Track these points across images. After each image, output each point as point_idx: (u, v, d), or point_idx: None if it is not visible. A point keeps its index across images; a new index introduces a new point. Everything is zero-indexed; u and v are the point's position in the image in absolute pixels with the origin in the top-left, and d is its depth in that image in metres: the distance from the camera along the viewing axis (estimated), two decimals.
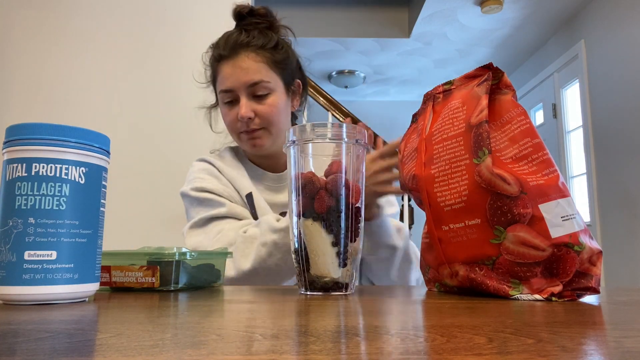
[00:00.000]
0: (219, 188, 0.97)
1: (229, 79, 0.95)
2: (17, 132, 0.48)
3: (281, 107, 0.98)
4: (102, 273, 0.62)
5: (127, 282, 0.61)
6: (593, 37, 3.43)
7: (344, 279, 0.57)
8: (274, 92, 0.97)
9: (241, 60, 0.95)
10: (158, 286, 0.61)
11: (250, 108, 0.95)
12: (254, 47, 0.95)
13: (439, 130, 0.58)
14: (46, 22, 1.77)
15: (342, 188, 0.57)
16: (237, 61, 0.95)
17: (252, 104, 0.95)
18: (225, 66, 0.96)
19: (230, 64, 0.95)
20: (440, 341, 0.27)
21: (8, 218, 0.46)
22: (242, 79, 0.94)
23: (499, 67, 0.65)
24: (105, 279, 0.62)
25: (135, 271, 0.61)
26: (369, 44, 4.14)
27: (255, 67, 0.95)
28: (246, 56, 0.95)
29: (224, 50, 0.96)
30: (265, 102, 0.96)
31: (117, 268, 0.62)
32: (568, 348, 0.25)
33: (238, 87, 0.95)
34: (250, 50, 0.95)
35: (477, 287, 0.53)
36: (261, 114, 0.96)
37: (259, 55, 0.95)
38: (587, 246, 0.50)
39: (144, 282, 0.61)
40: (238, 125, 0.97)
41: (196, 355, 0.23)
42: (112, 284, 0.62)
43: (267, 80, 0.95)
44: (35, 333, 0.30)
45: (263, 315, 0.38)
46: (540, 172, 0.51)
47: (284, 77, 0.99)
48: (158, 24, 1.80)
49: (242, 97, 0.95)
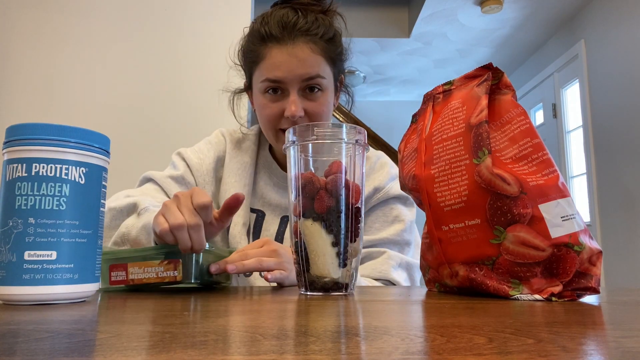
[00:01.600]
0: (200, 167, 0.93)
1: (281, 68, 0.83)
2: (17, 132, 0.48)
3: (331, 107, 0.89)
4: (117, 272, 0.61)
5: (145, 279, 0.60)
6: (593, 37, 3.43)
7: (343, 279, 0.57)
8: (326, 89, 0.87)
9: (299, 49, 0.83)
10: (180, 279, 0.60)
11: (301, 106, 0.84)
12: (314, 35, 0.84)
13: (438, 130, 0.58)
14: (46, 22, 1.77)
15: (342, 188, 0.57)
16: (295, 49, 0.82)
17: (302, 101, 0.85)
18: (277, 51, 0.83)
19: (285, 51, 0.83)
20: (440, 341, 0.27)
21: (8, 218, 0.46)
22: (298, 71, 0.83)
23: (499, 67, 0.65)
24: (121, 278, 0.61)
25: (156, 266, 0.60)
26: (369, 44, 4.14)
27: (313, 60, 0.83)
28: (305, 44, 0.83)
29: (277, 31, 0.83)
30: (317, 100, 0.86)
31: (135, 265, 0.60)
32: (568, 348, 0.25)
33: (290, 79, 0.83)
34: (310, 39, 0.83)
35: (477, 287, 0.53)
36: (312, 114, 0.86)
37: (317, 46, 0.84)
38: (587, 246, 0.50)
39: (165, 276, 0.60)
40: (280, 122, 0.86)
41: (196, 356, 0.23)
42: (129, 282, 0.61)
43: (323, 75, 0.85)
44: (35, 333, 0.30)
45: (263, 315, 0.38)
46: (540, 172, 0.51)
47: (336, 72, 0.90)
48: (159, 24, 1.80)
49: (292, 91, 0.84)
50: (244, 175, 0.94)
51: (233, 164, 0.96)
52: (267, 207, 0.95)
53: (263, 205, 0.96)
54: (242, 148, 0.98)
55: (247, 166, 0.95)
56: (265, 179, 0.97)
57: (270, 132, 0.90)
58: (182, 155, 0.96)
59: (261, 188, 0.96)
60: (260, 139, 1.01)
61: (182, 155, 0.96)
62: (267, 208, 0.95)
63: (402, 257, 0.89)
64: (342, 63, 0.93)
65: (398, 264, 0.88)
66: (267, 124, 0.88)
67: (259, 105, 0.88)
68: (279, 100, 0.85)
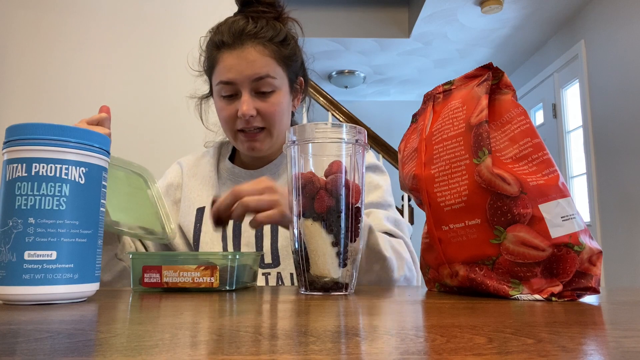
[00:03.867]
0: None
1: (232, 71, 0.87)
2: (17, 132, 0.48)
3: (284, 107, 0.91)
4: (150, 273, 0.61)
5: (181, 283, 0.60)
6: (593, 37, 3.43)
7: (343, 279, 0.57)
8: (278, 89, 0.89)
9: (247, 52, 0.86)
10: (217, 286, 0.60)
11: (252, 105, 0.87)
12: (262, 38, 0.87)
13: (439, 130, 0.58)
14: (46, 22, 1.77)
15: (342, 188, 0.57)
16: (243, 52, 0.86)
17: (254, 101, 0.88)
18: (228, 56, 0.87)
19: (235, 55, 0.87)
20: (440, 341, 0.27)
21: (8, 218, 0.46)
22: (247, 72, 0.86)
23: (499, 67, 0.65)
24: (154, 280, 0.61)
25: (192, 271, 0.60)
26: (369, 44, 4.14)
27: (262, 61, 0.87)
28: (253, 48, 0.86)
29: (228, 38, 0.87)
30: (268, 100, 0.88)
31: (170, 268, 0.61)
32: (568, 348, 0.25)
33: (241, 80, 0.87)
34: (258, 42, 0.87)
35: (477, 287, 0.53)
36: (264, 113, 0.88)
37: (266, 49, 0.87)
38: (587, 246, 0.50)
39: (202, 282, 0.60)
40: (236, 123, 0.89)
41: (196, 356, 0.23)
42: (163, 284, 0.61)
43: (273, 75, 0.88)
44: (35, 333, 0.30)
45: (263, 315, 0.38)
46: (540, 172, 0.51)
47: (289, 74, 0.92)
48: (157, 24, 1.80)
49: (244, 92, 0.87)
50: (206, 188, 0.96)
51: (193, 182, 0.98)
52: None
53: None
54: (201, 165, 1.01)
55: (208, 179, 0.98)
56: (230, 185, 0.98)
57: (229, 133, 0.93)
58: None
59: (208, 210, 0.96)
60: (220, 151, 1.04)
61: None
62: None
63: (388, 213, 0.91)
64: (297, 65, 0.95)
65: (386, 217, 0.89)
66: (225, 126, 0.93)
67: (217, 109, 0.93)
68: (233, 102, 0.89)
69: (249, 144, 0.91)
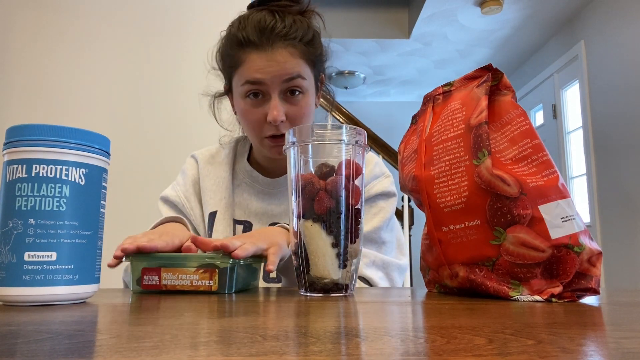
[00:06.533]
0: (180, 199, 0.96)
1: (261, 71, 0.82)
2: (17, 133, 0.48)
3: (312, 109, 0.88)
4: (149, 275, 0.60)
5: (179, 285, 0.59)
6: (593, 38, 3.43)
7: (343, 280, 0.57)
8: (307, 91, 0.86)
9: (278, 53, 0.82)
10: (216, 289, 0.59)
11: (282, 110, 0.83)
12: (293, 39, 0.83)
13: (438, 131, 0.58)
14: (46, 23, 1.77)
15: (342, 189, 0.57)
16: (274, 54, 0.82)
17: (284, 105, 0.84)
18: (257, 57, 0.82)
19: (265, 56, 0.82)
20: (440, 342, 0.27)
21: (8, 219, 0.46)
22: (278, 73, 0.82)
23: (499, 68, 0.65)
24: (153, 282, 0.60)
25: (191, 274, 0.59)
26: (369, 45, 4.14)
27: (293, 62, 0.83)
28: (284, 49, 0.82)
29: (255, 37, 0.82)
30: (298, 103, 0.84)
31: (169, 270, 0.59)
32: (568, 349, 0.25)
33: (271, 82, 0.82)
34: (288, 43, 0.82)
35: (477, 288, 0.53)
36: (292, 117, 0.84)
37: (296, 49, 0.83)
38: (587, 247, 0.50)
39: (200, 285, 0.59)
40: (264, 129, 0.85)
41: (196, 356, 0.23)
42: (161, 287, 0.60)
43: (304, 76, 0.84)
44: (35, 334, 0.30)
45: (263, 316, 0.38)
46: (540, 173, 0.51)
47: (316, 73, 0.89)
48: (159, 25, 1.80)
49: (273, 95, 0.83)
50: (220, 190, 0.94)
51: (207, 182, 0.96)
52: (252, 217, 0.94)
53: (249, 216, 0.94)
54: (216, 163, 0.98)
55: (222, 180, 0.95)
56: (246, 189, 0.96)
57: (255, 139, 0.89)
58: (164, 198, 0.98)
59: (244, 199, 0.95)
60: (237, 150, 1.00)
61: (164, 198, 0.98)
62: (253, 218, 0.94)
63: (377, 254, 0.87)
64: (323, 64, 0.92)
65: (372, 261, 0.86)
66: (251, 132, 0.88)
67: (241, 111, 0.88)
68: (261, 105, 0.84)
69: (277, 150, 0.87)
